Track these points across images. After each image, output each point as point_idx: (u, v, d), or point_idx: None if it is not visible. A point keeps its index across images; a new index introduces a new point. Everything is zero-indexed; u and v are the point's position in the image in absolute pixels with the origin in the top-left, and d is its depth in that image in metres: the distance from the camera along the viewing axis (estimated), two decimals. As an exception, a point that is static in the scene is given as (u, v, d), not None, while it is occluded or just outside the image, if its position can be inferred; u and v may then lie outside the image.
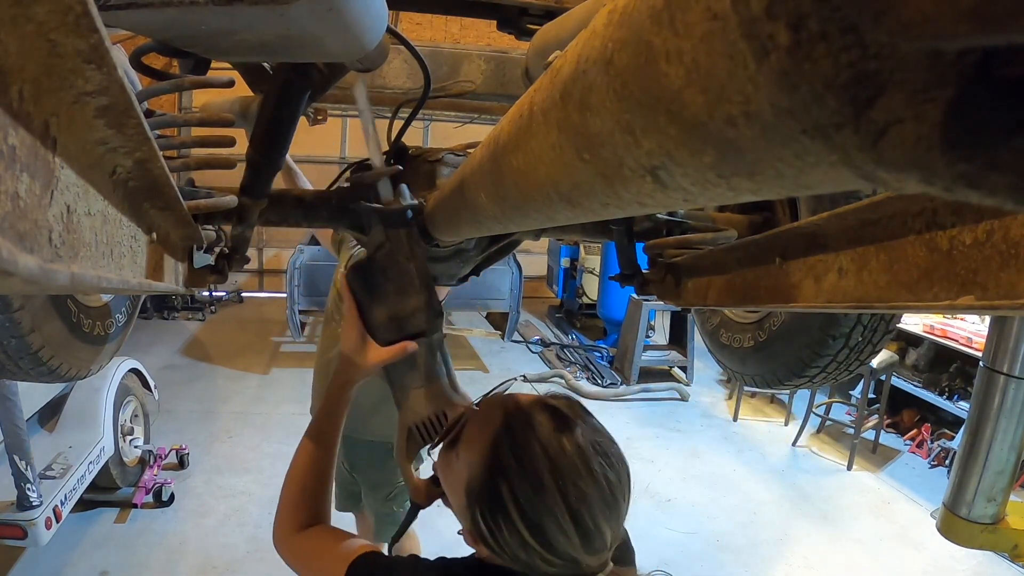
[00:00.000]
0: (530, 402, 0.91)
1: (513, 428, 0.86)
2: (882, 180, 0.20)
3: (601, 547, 0.83)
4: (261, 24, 0.65)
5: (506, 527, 0.82)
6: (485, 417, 0.91)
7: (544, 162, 0.43)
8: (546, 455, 0.82)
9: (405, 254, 1.15)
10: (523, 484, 0.81)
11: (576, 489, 0.81)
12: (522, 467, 0.82)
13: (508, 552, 0.83)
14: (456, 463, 0.92)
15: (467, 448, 0.90)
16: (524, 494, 0.81)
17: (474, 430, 0.91)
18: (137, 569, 3.50)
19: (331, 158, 8.57)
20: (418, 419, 1.19)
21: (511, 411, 0.89)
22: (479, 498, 0.85)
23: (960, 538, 2.10)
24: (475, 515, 0.85)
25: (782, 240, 0.88)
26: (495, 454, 0.85)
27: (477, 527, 0.85)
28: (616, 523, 0.84)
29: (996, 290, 0.51)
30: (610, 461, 0.85)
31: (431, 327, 1.18)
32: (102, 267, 0.50)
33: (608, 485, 0.83)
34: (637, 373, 6.54)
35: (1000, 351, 1.99)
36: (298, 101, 1.11)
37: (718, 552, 4.04)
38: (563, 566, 0.82)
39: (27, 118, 0.31)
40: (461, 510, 0.90)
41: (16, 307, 1.15)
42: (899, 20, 0.15)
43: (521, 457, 0.83)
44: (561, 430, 0.85)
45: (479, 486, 0.85)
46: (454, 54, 2.05)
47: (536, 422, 0.86)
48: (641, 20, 0.26)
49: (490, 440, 0.86)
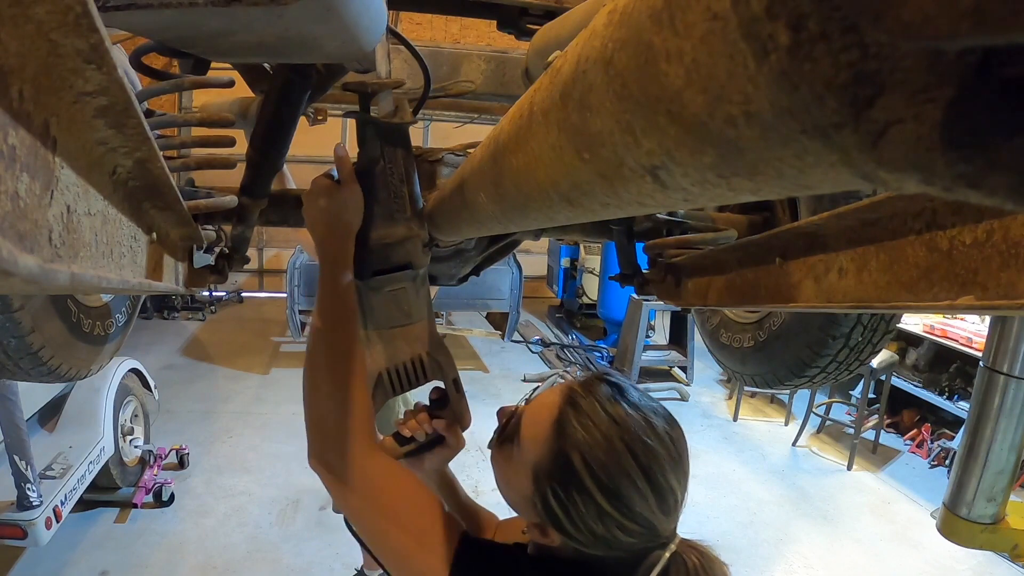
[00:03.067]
0: (584, 378, 0.92)
1: (576, 401, 0.87)
2: (882, 180, 0.20)
3: (674, 506, 0.85)
4: (260, 25, 0.65)
5: (581, 499, 0.82)
6: (543, 403, 0.91)
7: (544, 162, 0.43)
8: (612, 419, 0.84)
9: (399, 175, 1.07)
10: (594, 450, 0.82)
11: (645, 447, 0.82)
12: (590, 434, 0.83)
13: (584, 528, 0.83)
14: (517, 452, 0.91)
15: (529, 433, 0.90)
16: (596, 460, 0.82)
17: (533, 417, 0.91)
18: (137, 569, 3.50)
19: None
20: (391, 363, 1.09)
21: (570, 388, 0.90)
22: (549, 476, 0.85)
23: (960, 538, 2.10)
24: (546, 495, 0.85)
25: (782, 240, 0.88)
26: (562, 428, 0.85)
27: (549, 509, 0.85)
28: (684, 480, 0.86)
29: (996, 290, 0.51)
30: (668, 420, 0.87)
31: (419, 260, 1.10)
32: (102, 267, 0.50)
33: (672, 441, 0.85)
34: (637, 373, 6.54)
35: (1000, 351, 1.99)
36: (298, 101, 1.10)
37: (718, 552, 4.04)
38: (641, 533, 0.83)
39: (27, 118, 0.31)
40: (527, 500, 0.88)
41: (16, 307, 1.15)
42: (899, 20, 0.15)
43: (588, 425, 0.84)
44: (620, 396, 0.87)
45: (548, 464, 0.85)
46: (454, 54, 2.05)
47: (597, 392, 0.87)
48: (641, 20, 0.26)
49: (554, 418, 0.87)
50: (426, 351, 1.12)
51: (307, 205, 1.06)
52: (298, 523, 3.92)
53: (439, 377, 1.16)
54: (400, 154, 1.07)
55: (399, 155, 1.07)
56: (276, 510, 4.04)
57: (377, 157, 1.07)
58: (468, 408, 1.14)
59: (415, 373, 1.11)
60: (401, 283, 1.10)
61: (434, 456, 1.12)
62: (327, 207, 1.04)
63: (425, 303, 1.14)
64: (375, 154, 1.07)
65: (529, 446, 0.89)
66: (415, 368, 1.11)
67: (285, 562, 3.55)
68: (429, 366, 1.13)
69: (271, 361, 6.82)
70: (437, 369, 1.14)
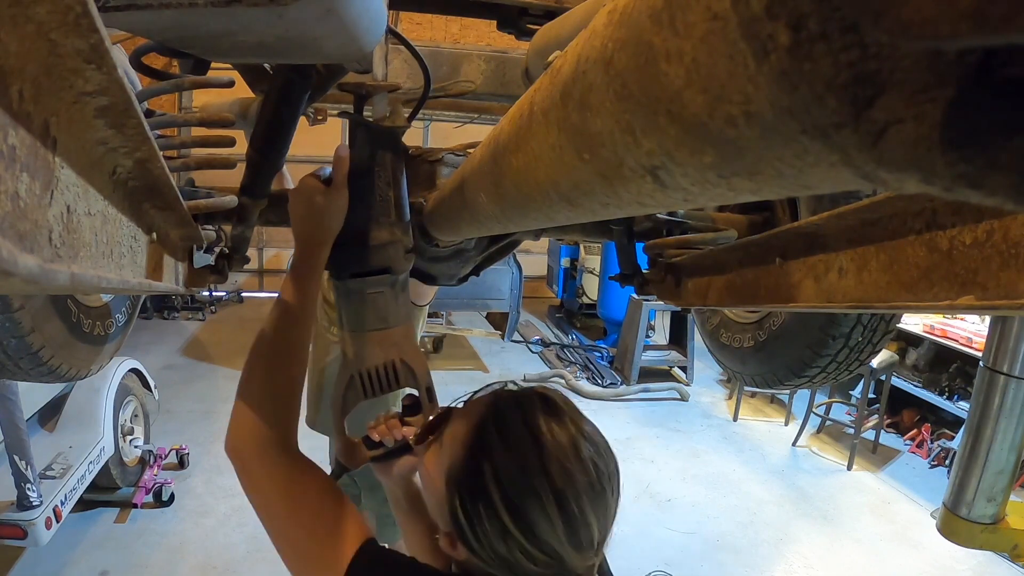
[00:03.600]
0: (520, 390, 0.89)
1: (500, 409, 0.83)
2: (882, 180, 0.20)
3: (588, 543, 0.79)
4: (260, 25, 0.65)
5: (486, 513, 0.78)
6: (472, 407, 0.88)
7: (544, 162, 0.43)
8: (532, 435, 0.79)
9: (387, 179, 1.06)
10: (506, 462, 0.78)
11: (562, 470, 0.77)
12: (507, 446, 0.79)
13: (487, 545, 0.79)
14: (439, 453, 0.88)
15: (451, 435, 0.87)
16: (507, 475, 0.77)
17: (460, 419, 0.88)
18: (137, 569, 3.50)
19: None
20: (364, 366, 1.08)
21: (500, 396, 0.87)
22: (459, 483, 0.81)
23: (960, 538, 2.10)
24: (454, 503, 0.81)
25: (782, 240, 0.88)
26: (480, 434, 0.82)
27: (456, 518, 0.81)
28: (603, 517, 0.81)
29: (996, 290, 0.51)
30: (599, 450, 0.82)
31: (399, 265, 1.09)
32: (102, 267, 0.50)
33: (595, 470, 0.80)
34: (637, 373, 6.54)
35: (1000, 351, 1.99)
36: (298, 101, 1.10)
37: (718, 552, 4.04)
38: (547, 564, 0.78)
39: (27, 118, 0.31)
40: (440, 504, 0.85)
41: (16, 307, 1.15)
42: (899, 20, 0.15)
43: (506, 436, 0.80)
44: (550, 415, 0.82)
45: (459, 470, 0.82)
46: (454, 54, 2.05)
47: (525, 405, 0.83)
48: (641, 20, 0.26)
49: (476, 422, 0.83)
50: (400, 357, 1.10)
51: (294, 202, 1.06)
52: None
53: (412, 384, 1.14)
54: (390, 158, 1.07)
55: (388, 159, 1.07)
56: (276, 510, 4.03)
57: (366, 159, 1.06)
58: None
59: (387, 378, 1.10)
60: (379, 287, 1.09)
61: (402, 464, 1.09)
62: (313, 209, 1.04)
63: (404, 309, 1.12)
64: (364, 156, 1.06)
65: (448, 448, 0.86)
66: (387, 373, 1.10)
67: (285, 562, 3.55)
68: (402, 372, 1.12)
69: (271, 361, 6.81)
70: (410, 376, 1.13)
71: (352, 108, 1.12)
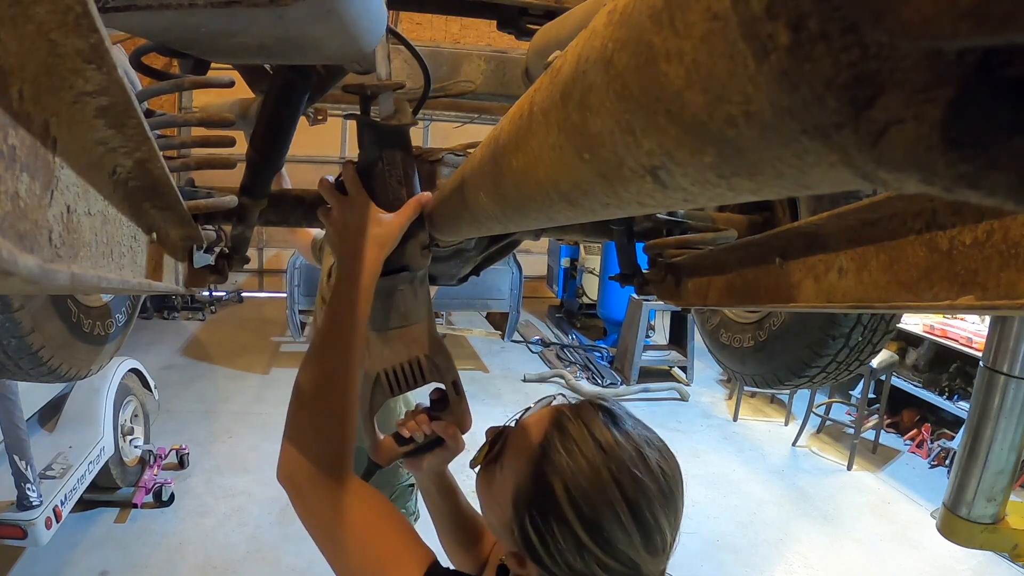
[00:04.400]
0: (577, 403, 0.88)
1: (564, 425, 0.82)
2: (882, 180, 0.20)
3: (661, 547, 0.79)
4: (259, 26, 0.65)
5: (560, 530, 0.77)
6: (531, 424, 0.87)
7: (544, 162, 0.43)
8: (599, 446, 0.79)
9: (398, 177, 1.05)
10: (578, 478, 0.77)
11: (633, 480, 0.77)
12: (575, 461, 0.78)
13: (562, 561, 0.78)
14: (500, 475, 0.87)
15: (513, 456, 0.85)
16: (579, 489, 0.77)
17: (519, 439, 0.87)
18: (137, 569, 3.50)
19: (331, 158, 8.58)
20: (389, 364, 1.09)
21: (560, 411, 0.85)
22: (529, 502, 0.80)
23: (960, 538, 2.10)
24: (524, 523, 0.80)
25: (782, 240, 0.88)
26: (546, 453, 0.80)
27: (527, 537, 0.79)
28: (674, 519, 0.81)
29: (996, 290, 0.51)
30: (663, 453, 0.83)
31: (417, 262, 1.09)
32: (102, 267, 0.50)
33: (664, 476, 0.80)
34: (637, 373, 6.54)
35: (1000, 351, 1.99)
36: (298, 101, 1.10)
37: (718, 552, 4.04)
38: (622, 572, 0.77)
39: (27, 118, 0.31)
40: (506, 526, 0.83)
41: (16, 307, 1.15)
42: (899, 20, 0.15)
43: (574, 451, 0.79)
44: (613, 424, 0.82)
45: (528, 489, 0.80)
46: (454, 54, 2.05)
47: (587, 417, 0.83)
48: (641, 20, 0.26)
49: (539, 441, 0.82)
50: (424, 353, 1.11)
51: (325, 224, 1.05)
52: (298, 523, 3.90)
53: (437, 379, 1.15)
54: (399, 156, 1.07)
55: (398, 157, 1.06)
56: (276, 510, 4.03)
57: (375, 159, 1.06)
58: (468, 410, 1.14)
59: (412, 375, 1.10)
60: (398, 285, 1.10)
61: (433, 457, 1.11)
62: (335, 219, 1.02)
63: (424, 305, 1.13)
64: (373, 156, 1.06)
65: (512, 469, 0.85)
66: (412, 370, 1.10)
67: (285, 562, 3.55)
68: (427, 368, 1.13)
69: (271, 361, 6.82)
70: (435, 371, 1.14)
71: (358, 109, 1.12)
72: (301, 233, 2.58)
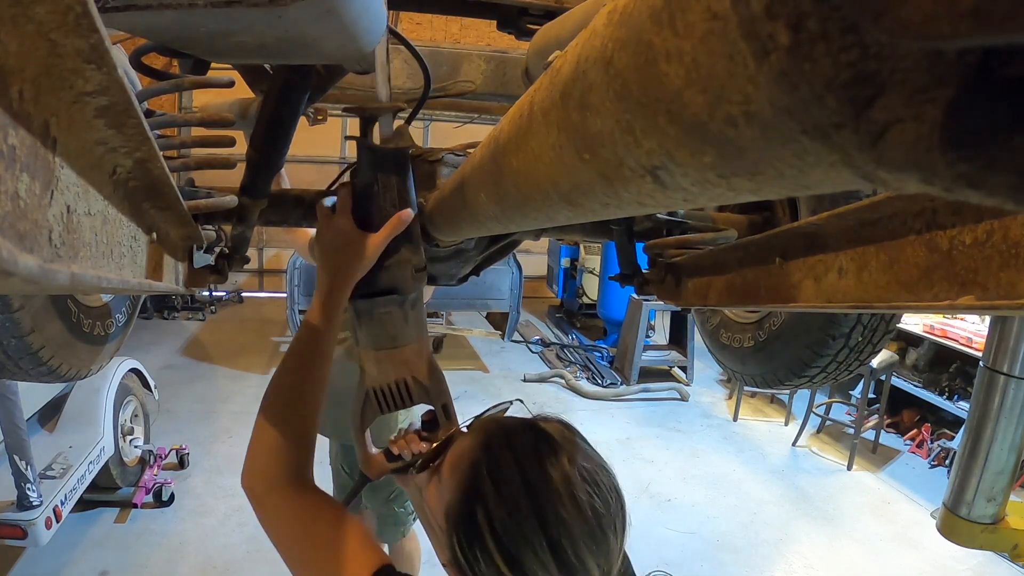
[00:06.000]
0: (515, 424, 0.86)
1: (492, 449, 0.81)
2: (882, 180, 0.20)
3: None
4: (259, 26, 0.65)
5: (483, 557, 0.76)
6: (469, 438, 0.87)
7: (544, 162, 0.43)
8: (524, 479, 0.77)
9: (393, 201, 1.06)
10: (499, 510, 0.76)
11: (556, 518, 0.75)
12: (499, 491, 0.77)
13: None
14: (438, 486, 0.87)
15: (449, 470, 0.85)
16: (500, 521, 0.76)
17: (457, 452, 0.86)
18: (137, 569, 3.50)
19: (331, 158, 8.58)
20: (379, 384, 1.10)
21: (493, 432, 0.84)
22: (456, 524, 0.80)
23: (960, 538, 2.10)
24: (452, 542, 0.80)
25: (782, 240, 0.88)
26: (473, 477, 0.80)
27: (455, 556, 0.80)
28: (605, 559, 0.78)
29: (996, 290, 0.51)
30: (599, 490, 0.79)
31: (407, 285, 1.09)
32: (102, 267, 0.50)
33: (595, 516, 0.77)
34: (637, 373, 6.54)
35: (1000, 351, 1.99)
36: (298, 102, 1.10)
37: (718, 552, 4.04)
38: None
39: (27, 118, 0.31)
40: (442, 537, 0.84)
41: (16, 307, 1.15)
42: (899, 20, 0.15)
43: (498, 480, 0.78)
44: (544, 454, 0.80)
45: (456, 511, 0.80)
46: (454, 54, 2.05)
47: (518, 444, 0.81)
48: (641, 20, 0.26)
49: (470, 462, 0.82)
50: (412, 375, 1.12)
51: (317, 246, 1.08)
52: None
53: (426, 401, 1.16)
54: (394, 180, 1.07)
55: (393, 180, 1.07)
56: (276, 510, 4.03)
57: (371, 181, 1.06)
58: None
59: (400, 395, 1.11)
60: (387, 307, 1.10)
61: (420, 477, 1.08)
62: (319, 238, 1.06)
63: (416, 327, 1.13)
64: (370, 179, 1.07)
65: (446, 484, 0.84)
66: (400, 391, 1.11)
67: (285, 562, 3.55)
68: (415, 390, 1.14)
69: (271, 361, 6.82)
70: (423, 393, 1.15)
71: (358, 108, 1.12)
72: (299, 233, 2.58)
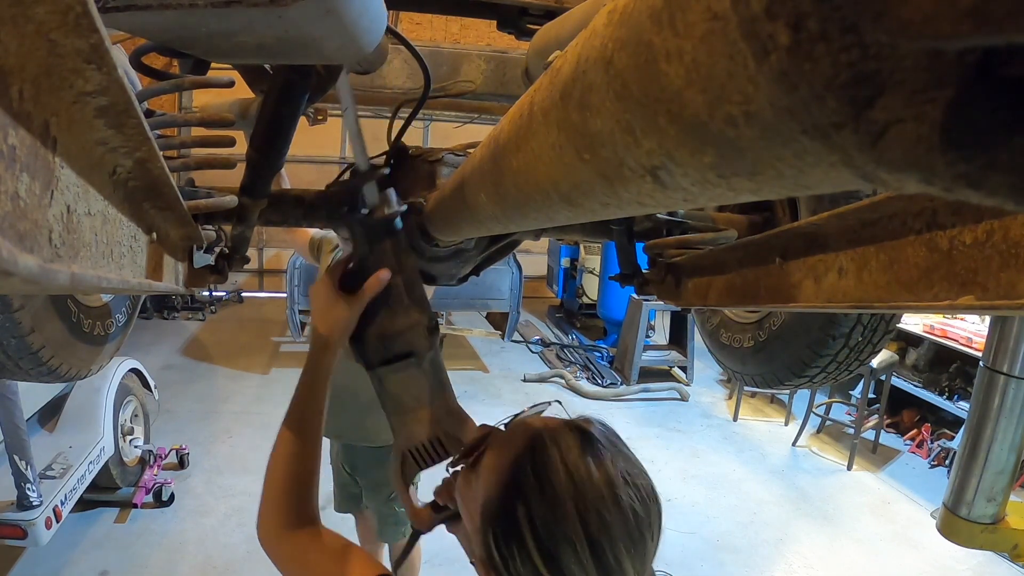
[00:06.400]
0: (560, 423, 0.86)
1: (537, 447, 0.80)
2: (882, 180, 0.20)
3: None
4: (259, 26, 0.65)
5: (519, 555, 0.76)
6: (509, 437, 0.86)
7: (544, 162, 0.43)
8: (570, 478, 0.76)
9: (391, 268, 1.07)
10: (541, 507, 0.76)
11: (599, 517, 0.75)
12: (542, 488, 0.76)
13: None
14: (475, 483, 0.87)
15: (488, 467, 0.85)
16: (541, 518, 0.75)
17: (496, 449, 0.86)
18: (137, 569, 3.50)
19: (331, 158, 8.58)
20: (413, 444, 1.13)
21: (538, 430, 0.84)
22: (494, 520, 0.79)
23: (960, 538, 2.10)
24: (488, 539, 0.79)
25: (782, 240, 0.88)
26: (515, 473, 0.79)
27: (489, 554, 0.79)
28: (641, 563, 0.78)
29: (996, 290, 0.51)
30: (640, 493, 0.79)
31: (422, 346, 1.11)
32: (102, 267, 0.50)
33: (635, 518, 0.77)
34: (637, 373, 6.54)
35: (1000, 351, 1.99)
36: (298, 102, 1.11)
37: (718, 552, 4.04)
38: None
39: (27, 118, 0.31)
40: (475, 535, 0.84)
41: (16, 307, 1.15)
42: (899, 20, 0.15)
43: (542, 477, 0.77)
44: (590, 454, 0.79)
45: (495, 507, 0.80)
46: (454, 54, 2.05)
47: (564, 443, 0.80)
48: (641, 20, 0.26)
49: (512, 458, 0.81)
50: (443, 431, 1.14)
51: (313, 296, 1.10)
52: (298, 523, 3.91)
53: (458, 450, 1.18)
54: (388, 246, 1.08)
55: (387, 247, 1.08)
56: (276, 510, 4.03)
57: (366, 253, 1.08)
58: None
59: (435, 451, 1.14)
60: (406, 370, 1.12)
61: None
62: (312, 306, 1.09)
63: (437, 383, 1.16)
64: (365, 251, 1.09)
65: (485, 480, 0.84)
66: (435, 447, 1.14)
67: (285, 562, 3.55)
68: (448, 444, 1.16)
69: (271, 361, 6.82)
70: (456, 445, 1.17)
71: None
72: (299, 232, 2.58)
